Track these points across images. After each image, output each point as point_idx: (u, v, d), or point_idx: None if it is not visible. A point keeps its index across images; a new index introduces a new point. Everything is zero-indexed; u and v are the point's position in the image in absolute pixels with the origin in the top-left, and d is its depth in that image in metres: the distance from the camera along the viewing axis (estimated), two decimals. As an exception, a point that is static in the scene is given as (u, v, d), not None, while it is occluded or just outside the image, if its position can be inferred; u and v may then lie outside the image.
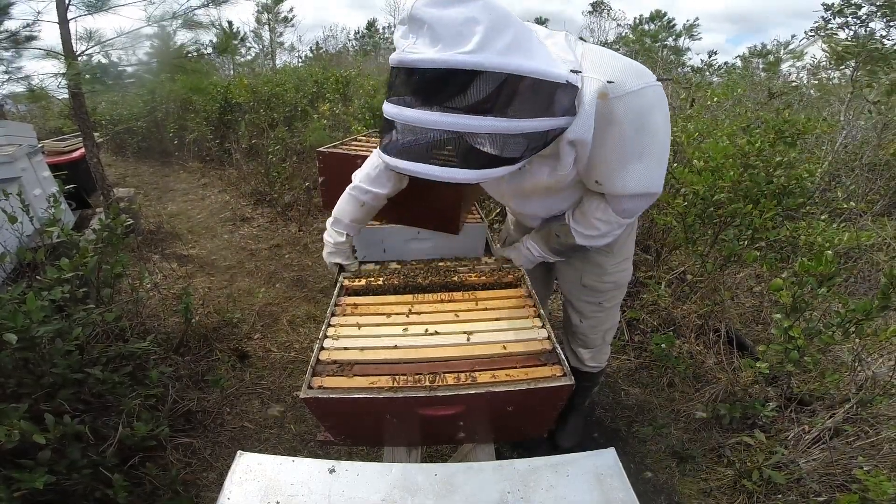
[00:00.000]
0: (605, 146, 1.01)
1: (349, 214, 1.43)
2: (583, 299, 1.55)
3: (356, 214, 1.43)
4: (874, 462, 1.53)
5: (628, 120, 0.97)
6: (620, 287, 1.54)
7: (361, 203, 1.41)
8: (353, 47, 17.22)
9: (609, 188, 1.10)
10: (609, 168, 1.05)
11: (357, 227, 1.47)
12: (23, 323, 1.27)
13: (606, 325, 1.62)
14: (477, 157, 0.87)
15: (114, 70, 3.14)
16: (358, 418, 1.02)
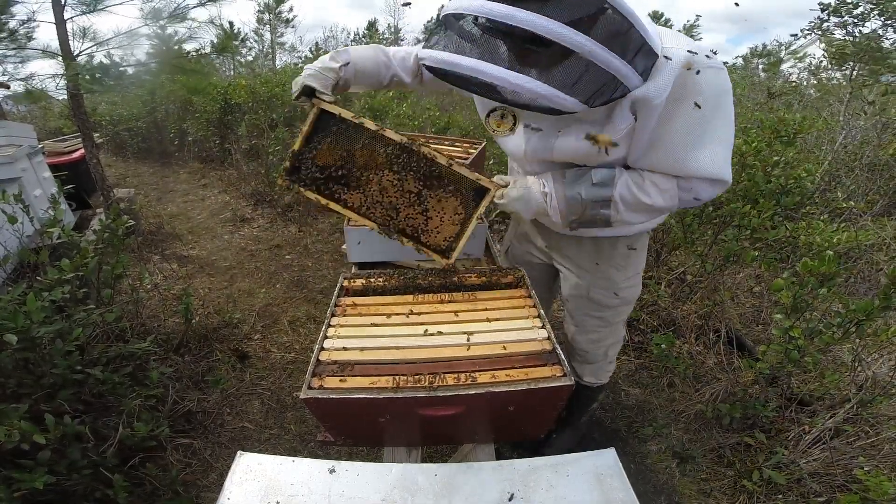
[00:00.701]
0: (679, 120, 0.96)
1: (360, 54, 1.33)
2: (587, 313, 1.49)
3: (363, 62, 1.33)
4: (874, 462, 1.53)
5: (708, 95, 0.94)
6: (629, 303, 1.48)
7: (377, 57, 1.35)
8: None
9: (680, 168, 1.02)
10: (683, 144, 0.99)
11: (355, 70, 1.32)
12: (23, 323, 1.27)
13: (609, 341, 1.56)
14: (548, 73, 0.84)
15: (113, 70, 3.14)
16: (358, 418, 1.02)
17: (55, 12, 2.84)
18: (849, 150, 3.96)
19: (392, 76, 1.40)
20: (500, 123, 1.21)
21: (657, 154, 1.03)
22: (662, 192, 1.07)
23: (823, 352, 1.68)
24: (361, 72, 1.33)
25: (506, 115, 1.19)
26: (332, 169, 1.25)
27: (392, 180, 1.24)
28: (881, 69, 3.93)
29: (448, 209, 1.25)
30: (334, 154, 1.25)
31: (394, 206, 1.24)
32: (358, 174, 1.25)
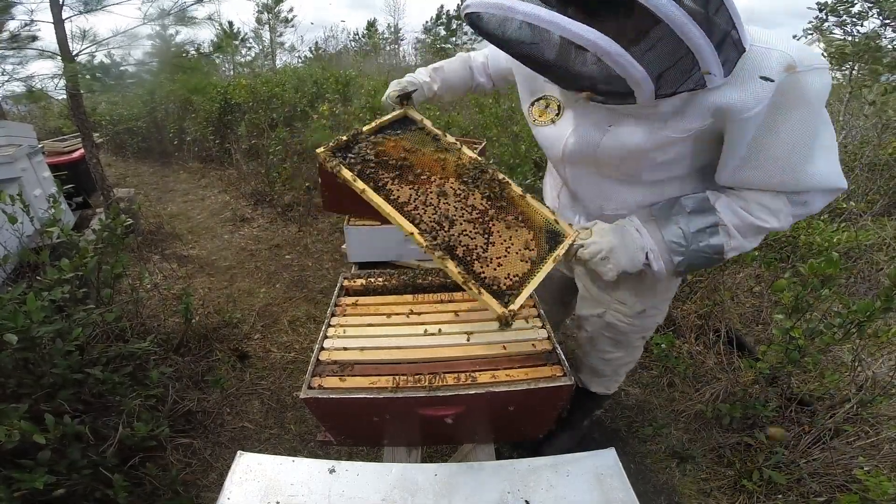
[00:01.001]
0: (787, 131, 0.83)
1: (451, 71, 1.41)
2: (602, 334, 1.39)
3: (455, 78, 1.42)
4: (874, 462, 1.53)
5: (814, 100, 0.83)
6: (646, 330, 1.36)
7: (464, 71, 1.42)
8: (352, 48, 17.23)
9: (794, 182, 0.89)
10: (796, 157, 0.86)
11: (446, 87, 1.41)
12: (23, 323, 1.27)
13: (622, 362, 1.49)
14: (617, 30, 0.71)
15: (113, 70, 3.14)
16: (358, 418, 1.02)
17: (53, 12, 2.84)
18: (849, 150, 3.96)
19: (476, 85, 1.46)
20: (542, 113, 1.09)
21: (762, 170, 0.88)
22: (774, 213, 0.92)
23: (823, 352, 1.68)
24: (450, 87, 1.41)
25: (550, 104, 1.08)
26: (389, 158, 1.10)
27: (457, 188, 1.06)
28: (880, 69, 3.93)
29: (518, 240, 1.01)
30: (399, 148, 1.13)
31: (448, 217, 1.00)
32: (418, 170, 1.09)
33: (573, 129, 1.03)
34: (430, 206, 1.02)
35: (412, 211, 1.02)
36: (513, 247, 1.00)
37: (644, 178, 1.02)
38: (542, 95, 1.10)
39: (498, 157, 3.64)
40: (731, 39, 0.76)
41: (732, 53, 0.77)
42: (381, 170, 1.08)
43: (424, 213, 1.01)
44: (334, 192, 1.74)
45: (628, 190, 1.06)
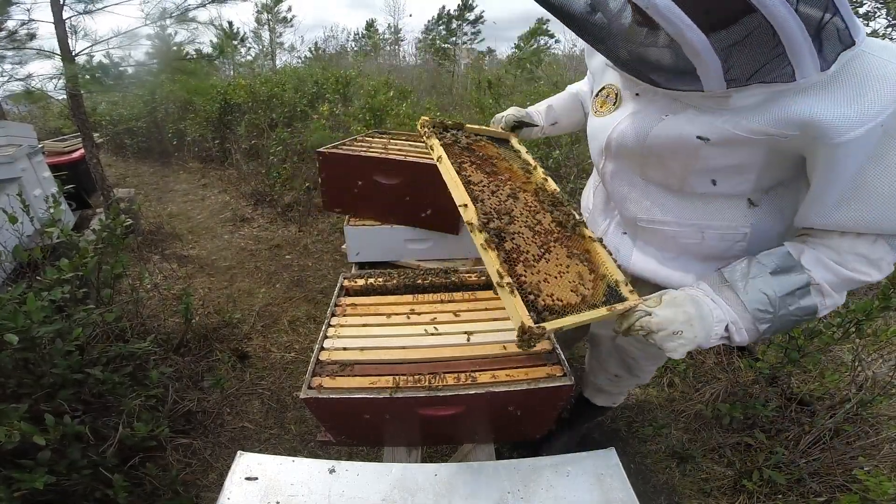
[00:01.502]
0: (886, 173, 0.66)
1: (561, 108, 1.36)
2: (612, 356, 1.36)
3: (564, 114, 1.36)
4: (874, 462, 1.53)
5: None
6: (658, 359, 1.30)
7: (574, 106, 1.36)
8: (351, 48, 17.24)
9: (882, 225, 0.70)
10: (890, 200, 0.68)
11: (556, 126, 1.37)
12: (23, 323, 1.27)
13: (629, 384, 1.46)
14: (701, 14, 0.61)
15: (113, 70, 3.14)
16: (358, 418, 1.02)
17: (53, 12, 2.84)
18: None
19: (582, 119, 1.38)
20: (603, 104, 0.99)
21: (870, 210, 0.69)
22: (875, 264, 0.74)
23: (823, 352, 1.68)
24: (560, 123, 1.36)
25: (609, 94, 0.99)
26: (479, 152, 1.09)
27: (530, 201, 0.99)
28: None
29: (575, 271, 0.88)
30: (491, 152, 1.13)
31: (511, 214, 0.92)
32: (499, 173, 1.04)
33: (625, 117, 0.91)
34: (496, 197, 0.95)
35: (477, 191, 0.94)
36: (567, 274, 0.86)
37: (693, 187, 0.86)
38: (603, 85, 1.00)
39: (498, 157, 3.64)
40: (832, 27, 0.61)
41: (833, 45, 0.62)
42: (465, 154, 1.07)
43: (488, 200, 0.92)
44: (334, 192, 1.74)
45: (671, 199, 0.90)
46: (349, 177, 1.54)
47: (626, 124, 0.90)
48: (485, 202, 0.94)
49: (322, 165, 1.71)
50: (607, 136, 0.95)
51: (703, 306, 0.78)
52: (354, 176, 1.65)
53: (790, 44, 0.60)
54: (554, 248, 0.90)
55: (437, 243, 1.74)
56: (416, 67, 10.63)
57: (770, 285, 0.76)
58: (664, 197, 0.92)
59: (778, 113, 0.69)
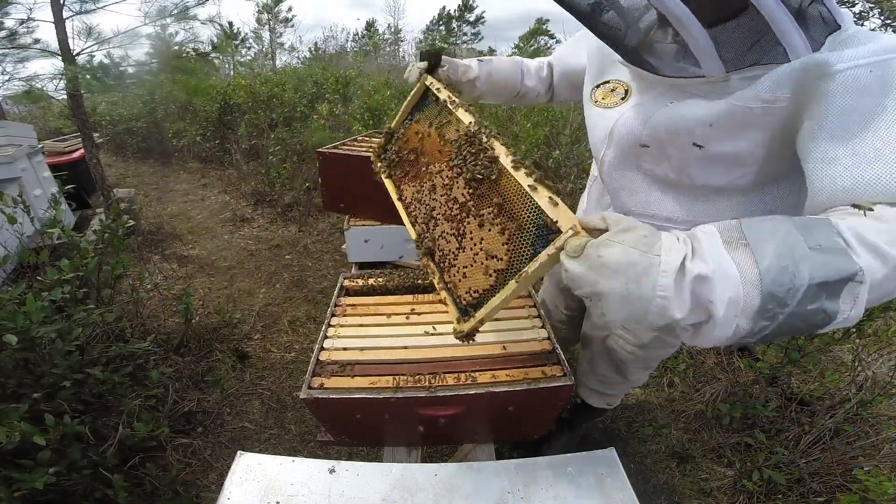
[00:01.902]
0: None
1: (498, 66, 1.24)
2: (602, 356, 1.35)
3: (500, 74, 1.24)
4: (874, 462, 1.53)
5: None
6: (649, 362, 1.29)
7: (514, 70, 1.26)
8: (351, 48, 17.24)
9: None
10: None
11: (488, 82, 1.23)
12: (23, 323, 1.27)
13: (622, 388, 1.46)
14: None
15: (113, 70, 3.14)
16: (358, 418, 1.02)
17: (54, 11, 2.84)
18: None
19: (525, 88, 1.30)
20: (606, 95, 0.98)
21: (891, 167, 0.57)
22: None
23: (823, 352, 1.68)
24: (494, 83, 1.23)
25: (617, 88, 0.97)
26: (406, 151, 1.04)
27: (445, 178, 0.91)
28: None
29: (488, 245, 0.77)
30: (414, 136, 1.06)
31: (433, 216, 0.89)
32: (424, 160, 0.98)
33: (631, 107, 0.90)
34: (423, 204, 0.94)
35: (413, 211, 0.96)
36: (481, 253, 0.78)
37: (692, 179, 0.82)
38: (609, 79, 1.00)
39: (498, 157, 3.64)
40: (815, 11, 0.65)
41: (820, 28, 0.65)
42: (399, 168, 1.04)
43: (419, 213, 0.93)
44: (334, 191, 1.74)
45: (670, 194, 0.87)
46: (349, 177, 1.54)
47: (631, 113, 0.89)
48: (418, 220, 0.94)
49: (322, 165, 1.71)
50: (612, 124, 0.93)
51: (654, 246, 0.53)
52: (354, 176, 1.64)
53: (778, 26, 0.63)
54: (468, 226, 0.82)
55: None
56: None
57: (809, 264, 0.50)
58: (660, 191, 0.90)
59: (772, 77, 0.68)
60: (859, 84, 0.60)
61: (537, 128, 3.82)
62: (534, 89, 1.30)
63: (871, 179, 0.57)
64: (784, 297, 0.51)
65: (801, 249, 0.51)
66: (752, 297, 0.51)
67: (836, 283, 0.51)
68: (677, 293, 0.51)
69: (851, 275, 0.50)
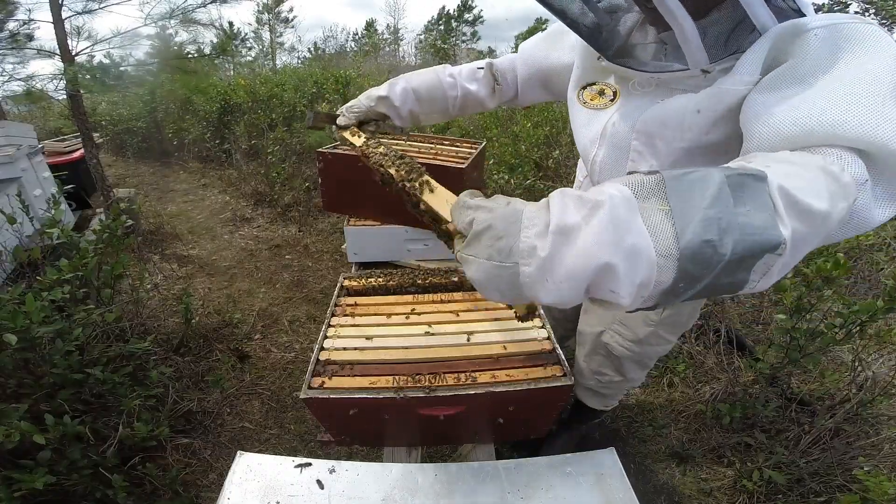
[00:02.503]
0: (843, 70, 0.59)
1: (416, 79, 1.13)
2: (598, 352, 1.33)
3: (423, 85, 1.13)
4: (874, 462, 1.53)
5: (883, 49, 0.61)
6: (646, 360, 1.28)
7: (437, 78, 1.14)
8: (350, 48, 17.23)
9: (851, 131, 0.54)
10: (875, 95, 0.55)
11: (413, 98, 1.12)
12: (23, 323, 1.27)
13: (620, 387, 1.43)
14: None
15: (113, 70, 3.14)
16: (358, 418, 1.02)
17: (53, 11, 2.84)
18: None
19: (462, 94, 1.16)
20: (594, 97, 0.99)
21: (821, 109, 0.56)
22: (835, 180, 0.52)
23: (823, 352, 1.68)
24: (422, 98, 1.13)
25: (605, 91, 0.98)
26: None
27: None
28: None
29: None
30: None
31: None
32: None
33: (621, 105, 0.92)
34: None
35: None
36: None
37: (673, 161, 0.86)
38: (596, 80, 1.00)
39: (498, 157, 3.64)
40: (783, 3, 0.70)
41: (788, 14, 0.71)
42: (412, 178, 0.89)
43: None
44: (334, 192, 1.74)
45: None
46: (349, 177, 1.54)
47: (622, 111, 0.91)
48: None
49: (322, 165, 1.70)
50: (602, 126, 0.95)
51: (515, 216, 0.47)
52: (354, 176, 1.64)
53: (757, 18, 0.68)
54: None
55: (437, 243, 1.74)
56: (416, 67, 10.64)
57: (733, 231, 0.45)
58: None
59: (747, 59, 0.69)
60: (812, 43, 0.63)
61: (537, 128, 3.82)
62: (475, 94, 1.17)
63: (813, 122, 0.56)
64: (700, 274, 0.45)
65: (728, 216, 0.45)
66: (666, 274, 0.45)
67: (755, 256, 0.46)
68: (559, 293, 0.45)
69: (774, 247, 0.46)
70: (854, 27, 0.62)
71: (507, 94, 1.21)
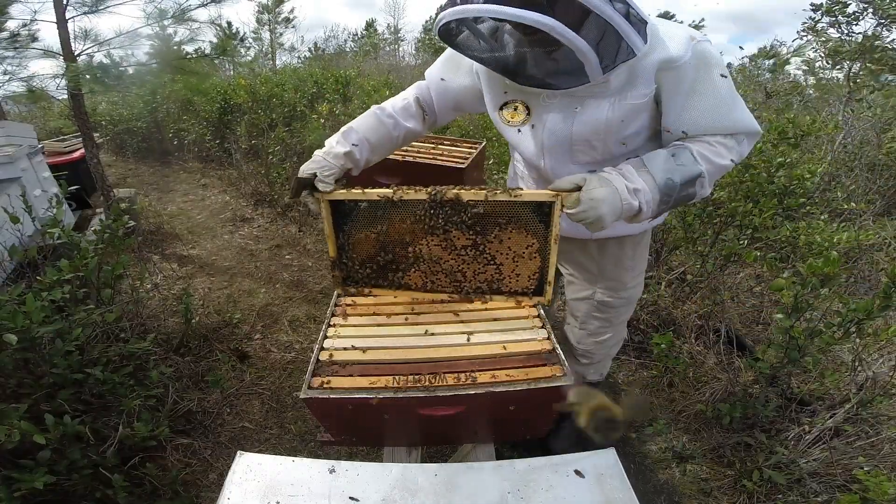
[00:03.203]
0: (713, 85, 1.03)
1: (365, 128, 1.23)
2: (592, 315, 1.49)
3: (373, 134, 1.24)
4: (874, 462, 1.53)
5: (718, 63, 1.04)
6: (632, 303, 1.49)
7: (381, 123, 1.26)
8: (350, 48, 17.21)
9: (730, 123, 1.06)
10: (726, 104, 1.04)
11: (368, 147, 1.23)
12: (23, 323, 1.27)
13: (612, 342, 1.57)
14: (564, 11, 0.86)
15: (114, 70, 3.14)
16: (358, 418, 1.02)
17: (56, 12, 2.84)
18: (848, 149, 3.96)
19: (404, 133, 1.31)
20: (513, 115, 1.17)
21: (706, 115, 1.05)
22: (731, 149, 1.08)
23: (823, 352, 1.68)
24: (373, 141, 1.24)
25: (518, 107, 1.17)
26: (378, 258, 1.08)
27: (440, 244, 1.06)
28: (882, 69, 3.92)
29: (516, 246, 1.06)
30: (370, 240, 1.10)
31: (457, 270, 1.04)
32: (404, 252, 1.08)
33: (545, 123, 1.14)
34: (438, 273, 1.05)
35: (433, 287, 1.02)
36: (516, 254, 1.05)
37: (612, 153, 1.14)
38: (508, 101, 1.18)
39: (498, 157, 3.64)
40: (635, 16, 0.93)
41: (641, 26, 0.94)
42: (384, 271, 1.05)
43: (442, 281, 1.01)
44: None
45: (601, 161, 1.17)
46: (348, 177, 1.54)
47: (549, 125, 1.13)
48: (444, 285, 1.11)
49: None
50: (540, 142, 1.17)
51: (616, 184, 1.00)
52: (354, 176, 1.65)
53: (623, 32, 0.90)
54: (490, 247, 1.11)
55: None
56: (416, 67, 10.62)
57: (677, 173, 1.03)
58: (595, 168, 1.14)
59: (644, 74, 1.02)
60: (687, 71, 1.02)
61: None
62: (413, 129, 1.32)
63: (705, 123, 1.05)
64: (670, 191, 1.02)
65: (672, 166, 1.03)
66: (656, 194, 1.02)
67: (692, 179, 1.04)
68: (630, 199, 1.00)
69: (699, 174, 1.04)
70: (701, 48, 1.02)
71: (431, 120, 1.38)
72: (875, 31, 3.87)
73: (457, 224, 1.06)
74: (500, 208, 1.06)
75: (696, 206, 2.38)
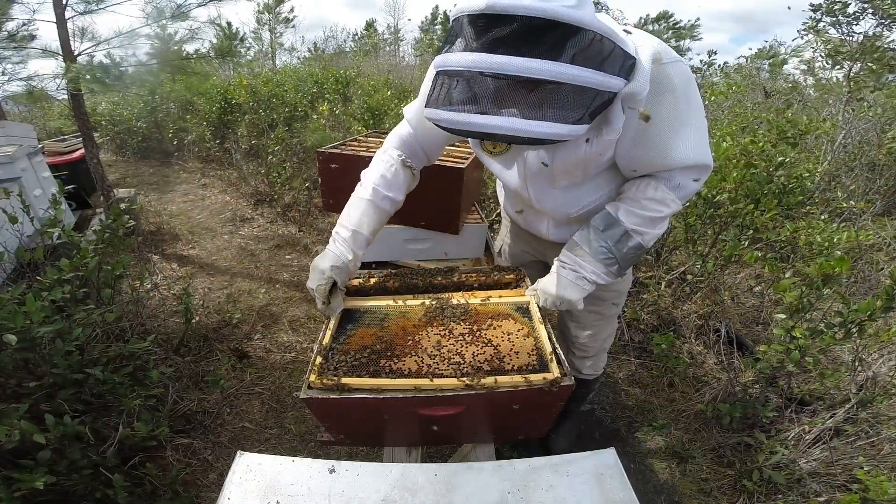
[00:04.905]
0: (659, 114, 0.97)
1: (369, 225, 1.24)
2: (586, 310, 1.47)
3: (377, 224, 1.26)
4: (874, 462, 1.53)
5: (681, 87, 0.97)
6: (622, 294, 1.51)
7: (380, 210, 1.26)
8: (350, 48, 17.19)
9: (663, 161, 1.03)
10: (663, 138, 1.00)
11: (367, 243, 1.26)
12: (23, 323, 1.27)
13: (605, 334, 1.58)
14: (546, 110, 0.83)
15: (114, 70, 3.14)
16: (358, 418, 1.02)
17: (56, 12, 2.84)
18: (848, 149, 3.96)
19: (395, 206, 1.31)
20: (495, 145, 1.18)
21: (641, 151, 1.03)
22: (661, 202, 1.08)
23: (824, 352, 1.68)
24: (374, 231, 1.27)
25: None
26: (371, 347, 1.10)
27: (440, 333, 1.14)
28: (883, 69, 3.92)
29: (509, 327, 1.14)
30: (368, 335, 1.14)
31: (456, 353, 1.07)
32: (401, 341, 1.12)
33: (526, 158, 1.16)
34: (435, 357, 1.06)
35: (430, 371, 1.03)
36: (511, 335, 1.12)
37: (591, 176, 1.17)
38: None
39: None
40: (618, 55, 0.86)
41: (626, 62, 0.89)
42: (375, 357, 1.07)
43: (440, 366, 1.03)
44: (334, 192, 1.74)
45: (583, 191, 1.20)
46: (349, 177, 1.54)
47: (529, 159, 1.16)
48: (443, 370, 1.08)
49: (321, 166, 1.70)
50: (523, 172, 1.20)
51: (562, 280, 1.16)
52: (354, 176, 1.64)
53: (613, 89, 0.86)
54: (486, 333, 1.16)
55: (437, 243, 1.74)
56: (416, 67, 10.62)
57: (605, 239, 1.12)
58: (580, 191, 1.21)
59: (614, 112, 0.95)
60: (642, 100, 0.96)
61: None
62: (403, 194, 1.32)
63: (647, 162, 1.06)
64: (608, 256, 1.12)
65: (598, 235, 1.13)
66: (597, 264, 1.14)
67: (623, 236, 1.11)
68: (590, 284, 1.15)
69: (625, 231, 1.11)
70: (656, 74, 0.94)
71: (420, 167, 1.37)
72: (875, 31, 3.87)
73: (457, 318, 1.19)
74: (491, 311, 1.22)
75: (697, 206, 2.39)
